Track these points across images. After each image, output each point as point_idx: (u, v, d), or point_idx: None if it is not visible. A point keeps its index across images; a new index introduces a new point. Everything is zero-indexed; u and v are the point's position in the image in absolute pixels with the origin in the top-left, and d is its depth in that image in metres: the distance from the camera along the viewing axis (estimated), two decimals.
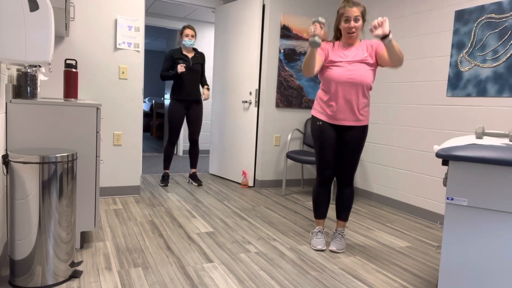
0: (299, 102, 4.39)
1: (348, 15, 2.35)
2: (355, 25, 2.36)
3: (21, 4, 1.63)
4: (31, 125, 2.10)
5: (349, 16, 2.35)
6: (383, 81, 3.85)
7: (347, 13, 2.35)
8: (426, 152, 3.39)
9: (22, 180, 1.79)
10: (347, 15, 2.35)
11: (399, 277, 2.22)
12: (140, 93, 3.63)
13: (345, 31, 2.40)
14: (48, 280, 1.86)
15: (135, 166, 3.67)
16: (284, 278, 2.11)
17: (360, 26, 2.38)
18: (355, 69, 2.38)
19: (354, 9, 2.34)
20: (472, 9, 3.00)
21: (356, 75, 2.37)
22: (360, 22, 2.37)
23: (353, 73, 2.37)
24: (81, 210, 2.31)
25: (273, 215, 3.32)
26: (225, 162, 4.72)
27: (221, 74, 4.76)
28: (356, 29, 2.37)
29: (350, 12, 2.34)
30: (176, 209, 3.33)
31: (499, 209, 1.55)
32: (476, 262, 1.60)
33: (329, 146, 2.52)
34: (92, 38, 3.38)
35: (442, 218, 3.24)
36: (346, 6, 2.36)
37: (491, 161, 1.52)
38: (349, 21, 2.36)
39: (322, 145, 2.53)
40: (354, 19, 2.35)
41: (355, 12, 2.34)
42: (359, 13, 2.35)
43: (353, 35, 2.39)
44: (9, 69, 2.21)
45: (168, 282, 1.99)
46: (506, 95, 2.77)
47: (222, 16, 4.71)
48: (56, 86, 3.29)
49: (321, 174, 2.57)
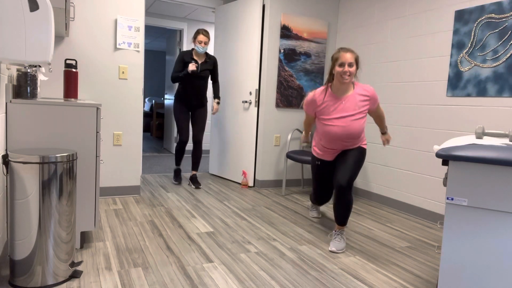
0: (299, 102, 4.39)
1: (342, 60, 2.44)
2: (349, 70, 2.44)
3: (21, 4, 1.63)
4: (31, 125, 2.10)
5: (343, 61, 2.44)
6: (383, 81, 3.85)
7: (341, 59, 2.45)
8: (426, 152, 3.39)
9: (22, 180, 1.79)
10: (341, 60, 2.45)
11: (399, 277, 2.22)
12: (140, 93, 3.63)
13: (339, 75, 2.48)
14: (48, 280, 1.86)
15: (135, 166, 3.67)
16: (284, 278, 2.11)
17: (354, 71, 2.47)
18: (349, 125, 2.53)
19: (349, 54, 2.45)
20: (472, 9, 3.00)
21: (351, 129, 2.54)
22: (354, 68, 2.47)
23: (348, 129, 2.54)
24: (81, 210, 2.31)
25: (273, 215, 3.32)
26: (225, 162, 4.72)
27: (221, 74, 4.76)
28: (350, 73, 2.45)
29: (344, 58, 2.44)
30: (176, 209, 3.33)
31: (499, 209, 1.55)
32: (476, 262, 1.60)
33: (325, 181, 2.84)
34: (92, 38, 3.38)
35: (442, 218, 3.24)
36: (340, 52, 2.48)
37: (491, 161, 1.52)
38: (343, 66, 2.45)
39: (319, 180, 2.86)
40: (348, 64, 2.44)
41: (350, 58, 2.44)
42: (353, 59, 2.46)
43: (346, 80, 2.48)
44: (9, 69, 2.21)
45: (168, 282, 1.99)
46: (506, 95, 2.77)
47: (222, 16, 4.71)
48: (56, 86, 3.29)
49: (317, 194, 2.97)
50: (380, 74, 3.89)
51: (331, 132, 2.57)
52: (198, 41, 3.92)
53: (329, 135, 2.58)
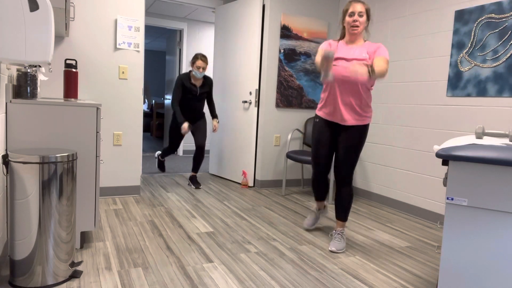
0: (299, 102, 4.39)
1: (352, 10, 2.42)
2: (359, 20, 2.41)
3: (21, 4, 1.63)
4: (31, 125, 2.10)
5: (353, 11, 2.42)
6: (383, 81, 3.85)
7: (351, 8, 2.43)
8: (426, 152, 3.39)
9: (22, 180, 1.79)
10: (351, 10, 2.43)
11: (399, 277, 2.22)
12: (140, 93, 3.63)
13: (349, 25, 2.45)
14: (48, 280, 1.86)
15: (135, 166, 3.67)
16: (284, 278, 2.11)
17: (364, 21, 2.42)
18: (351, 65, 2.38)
19: (359, 4, 2.42)
20: (472, 9, 3.00)
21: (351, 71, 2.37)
22: (364, 18, 2.42)
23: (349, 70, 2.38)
24: (81, 210, 2.31)
25: (273, 215, 3.32)
26: (225, 162, 4.72)
27: (221, 74, 4.76)
28: (360, 23, 2.41)
29: (354, 7, 2.42)
30: (176, 209, 3.33)
31: (499, 209, 1.55)
32: (476, 262, 1.60)
33: (323, 144, 2.62)
34: (92, 38, 3.38)
35: (442, 218, 3.24)
36: (351, 2, 2.45)
37: (491, 161, 1.52)
38: (353, 15, 2.42)
39: (316, 143, 2.65)
40: (358, 14, 2.41)
41: (360, 8, 2.42)
42: (364, 9, 2.42)
43: (356, 30, 2.42)
44: (9, 69, 2.21)
45: (168, 282, 1.99)
46: (506, 95, 2.77)
47: (222, 16, 4.71)
48: (56, 86, 3.29)
49: (314, 168, 2.72)
50: None
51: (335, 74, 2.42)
52: (196, 66, 3.98)
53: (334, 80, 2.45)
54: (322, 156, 2.64)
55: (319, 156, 2.64)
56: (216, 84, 4.87)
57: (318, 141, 2.62)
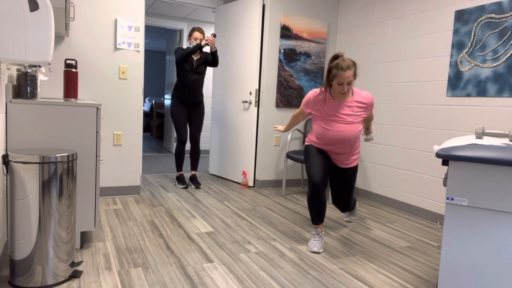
0: (299, 102, 4.39)
1: (341, 80, 2.41)
2: (348, 87, 2.44)
3: (21, 4, 1.63)
4: (31, 125, 2.10)
5: (342, 81, 2.41)
6: (383, 81, 3.85)
7: (340, 78, 2.40)
8: (426, 152, 3.39)
9: (22, 180, 1.79)
10: (340, 80, 2.41)
11: (399, 277, 2.22)
12: (140, 93, 3.63)
13: (338, 90, 2.47)
14: (48, 280, 1.86)
15: (135, 166, 3.67)
16: (284, 278, 2.11)
17: (352, 85, 2.47)
18: (346, 129, 2.52)
19: (348, 73, 2.38)
20: (472, 9, 3.00)
21: (347, 135, 2.53)
22: (353, 82, 2.45)
23: (344, 134, 2.52)
24: (81, 210, 2.31)
25: (273, 215, 3.32)
26: (225, 162, 4.72)
27: (221, 74, 4.76)
28: (349, 90, 2.46)
29: (343, 77, 2.39)
30: (176, 209, 3.33)
31: (499, 209, 1.55)
32: (476, 262, 1.60)
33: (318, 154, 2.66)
34: (92, 38, 3.38)
35: (442, 218, 3.24)
36: (339, 70, 2.38)
37: (491, 161, 1.52)
38: (342, 85, 2.43)
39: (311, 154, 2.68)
40: (347, 83, 2.42)
41: (349, 77, 2.39)
42: (352, 75, 2.40)
43: (345, 94, 2.50)
44: (9, 69, 2.21)
45: (168, 282, 1.99)
46: (506, 95, 2.77)
47: (222, 16, 4.71)
48: (56, 86, 3.29)
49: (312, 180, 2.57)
50: (380, 74, 3.89)
51: (327, 136, 2.57)
52: (194, 37, 4.02)
53: (325, 138, 2.58)
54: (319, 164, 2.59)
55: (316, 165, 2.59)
56: (216, 84, 4.87)
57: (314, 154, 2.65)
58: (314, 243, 2.55)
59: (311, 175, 2.57)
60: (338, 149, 2.61)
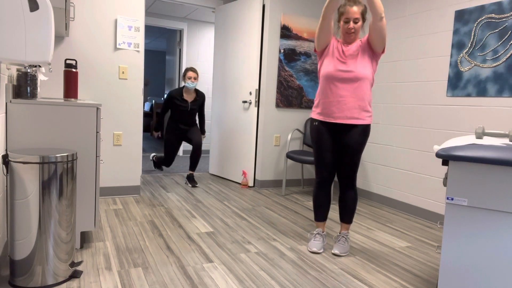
0: (299, 102, 4.39)
1: (347, 16, 2.34)
2: (354, 26, 2.35)
3: (21, 4, 1.63)
4: (31, 125, 2.10)
5: (348, 17, 2.34)
6: (383, 81, 3.85)
7: (347, 14, 2.34)
8: (426, 152, 3.39)
9: (22, 180, 1.79)
10: (346, 16, 2.35)
11: (399, 277, 2.22)
12: (140, 93, 3.63)
13: (344, 31, 2.39)
14: (48, 280, 1.86)
15: (135, 166, 3.67)
16: (284, 278, 2.11)
17: (359, 27, 2.37)
18: (349, 64, 2.36)
19: (355, 8, 2.32)
20: (472, 9, 3.00)
21: (349, 71, 2.35)
22: (360, 23, 2.36)
23: (346, 69, 2.35)
24: (81, 210, 2.31)
25: (273, 215, 3.32)
26: (225, 162, 4.72)
27: (221, 74, 4.76)
28: (355, 30, 2.36)
29: (350, 14, 2.33)
30: (176, 209, 3.33)
31: (499, 209, 1.55)
32: (476, 262, 1.60)
33: (326, 147, 2.49)
34: (92, 38, 3.38)
35: (442, 218, 3.24)
36: (346, 5, 2.35)
37: (491, 161, 1.52)
38: (348, 22, 2.35)
39: (319, 147, 2.51)
40: (353, 20, 2.34)
41: (355, 13, 2.32)
42: (359, 14, 2.33)
43: (351, 36, 2.38)
44: (9, 69, 2.21)
45: (168, 282, 1.99)
46: (506, 95, 2.77)
47: (222, 16, 4.71)
48: (56, 86, 3.29)
49: (319, 175, 2.55)
50: (380, 74, 3.89)
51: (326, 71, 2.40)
52: (188, 77, 4.17)
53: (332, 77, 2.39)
54: (327, 159, 2.50)
55: (325, 159, 2.50)
56: (216, 84, 4.87)
57: (321, 144, 2.51)
58: (314, 243, 2.54)
59: (319, 170, 2.53)
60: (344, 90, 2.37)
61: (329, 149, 2.49)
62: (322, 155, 2.51)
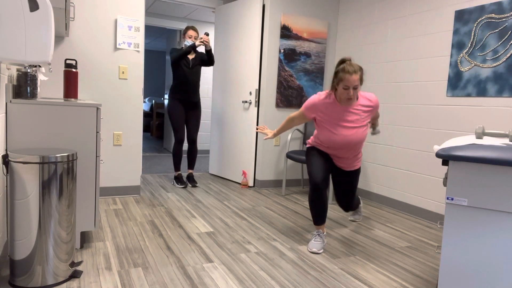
0: (299, 102, 4.39)
1: (347, 84, 2.37)
2: (354, 92, 2.41)
3: (21, 4, 1.63)
4: (31, 125, 2.10)
5: (348, 85, 2.37)
6: (383, 81, 3.85)
7: (346, 82, 2.37)
8: (426, 152, 3.39)
9: (22, 180, 1.79)
10: (346, 84, 2.37)
11: (399, 277, 2.22)
12: (140, 93, 3.63)
13: (344, 96, 2.43)
14: (48, 280, 1.86)
15: (135, 166, 3.67)
16: (284, 278, 2.11)
17: (358, 91, 2.44)
18: (352, 134, 2.50)
19: (354, 77, 2.35)
20: (472, 9, 3.00)
21: (354, 140, 2.52)
22: (359, 88, 2.41)
23: (351, 138, 2.51)
24: (81, 210, 2.31)
25: (273, 215, 3.32)
26: (225, 162, 4.72)
27: (221, 74, 4.76)
28: (354, 95, 2.42)
29: (349, 81, 2.36)
30: (176, 209, 3.33)
31: (499, 209, 1.55)
32: (476, 262, 1.60)
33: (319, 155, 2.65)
34: (92, 38, 3.38)
35: (442, 218, 3.24)
36: (346, 74, 2.35)
37: (491, 161, 1.52)
38: (348, 89, 2.39)
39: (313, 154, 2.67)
40: (353, 88, 2.38)
41: (355, 81, 2.36)
42: (358, 80, 2.37)
43: (350, 101, 2.46)
44: (9, 69, 2.21)
45: (168, 282, 1.99)
46: (506, 95, 2.77)
47: (222, 16, 4.71)
48: (56, 86, 3.29)
49: (313, 181, 2.54)
50: (380, 74, 3.89)
51: (333, 140, 2.54)
52: (188, 35, 4.07)
53: (331, 142, 2.56)
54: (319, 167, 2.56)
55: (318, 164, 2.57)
56: (216, 84, 4.87)
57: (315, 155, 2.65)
58: (314, 244, 2.54)
59: (313, 177, 2.54)
60: (342, 153, 2.60)
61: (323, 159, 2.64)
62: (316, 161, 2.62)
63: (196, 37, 4.08)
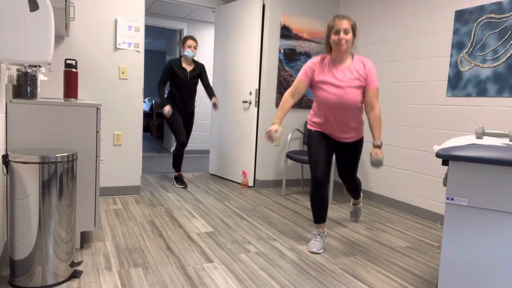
0: (299, 102, 4.39)
1: (337, 27, 2.35)
2: (345, 37, 2.34)
3: (21, 4, 1.63)
4: (31, 125, 2.10)
5: (338, 28, 2.35)
6: (383, 81, 3.85)
7: (336, 26, 2.35)
8: (426, 152, 3.39)
9: (22, 180, 1.79)
10: (336, 27, 2.35)
11: (399, 277, 2.22)
12: (140, 93, 3.63)
13: (335, 43, 2.38)
14: (48, 280, 1.86)
15: (135, 166, 3.67)
16: (284, 278, 2.11)
17: (350, 38, 2.36)
18: (346, 93, 2.41)
19: (344, 21, 2.34)
20: (472, 9, 3.00)
21: (345, 99, 2.41)
22: (350, 35, 2.36)
23: (343, 98, 2.41)
24: (81, 210, 2.31)
25: (273, 215, 3.32)
26: (225, 162, 4.72)
27: (221, 74, 4.76)
28: (346, 41, 2.35)
29: (339, 25, 2.34)
30: (176, 209, 3.33)
31: (499, 209, 1.55)
32: (476, 262, 1.60)
33: (320, 146, 2.56)
34: (92, 38, 3.38)
35: (442, 218, 3.24)
36: (336, 19, 2.37)
37: (491, 161, 1.52)
38: (338, 33, 2.35)
39: (314, 149, 2.58)
40: (344, 31, 2.34)
41: (345, 24, 2.34)
42: (349, 26, 2.35)
43: (342, 48, 2.37)
44: (9, 69, 2.21)
45: (168, 282, 1.99)
46: (506, 95, 2.77)
47: (222, 16, 4.71)
48: (56, 86, 3.29)
49: (314, 176, 2.54)
50: (380, 74, 3.89)
51: (329, 102, 2.44)
52: (188, 45, 4.03)
53: (327, 105, 2.46)
54: (321, 157, 2.53)
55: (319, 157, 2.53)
56: (216, 84, 4.87)
57: (317, 143, 2.57)
58: (314, 244, 2.54)
59: (314, 171, 2.53)
60: (339, 116, 2.48)
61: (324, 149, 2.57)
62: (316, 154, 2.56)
63: (195, 46, 4.06)
